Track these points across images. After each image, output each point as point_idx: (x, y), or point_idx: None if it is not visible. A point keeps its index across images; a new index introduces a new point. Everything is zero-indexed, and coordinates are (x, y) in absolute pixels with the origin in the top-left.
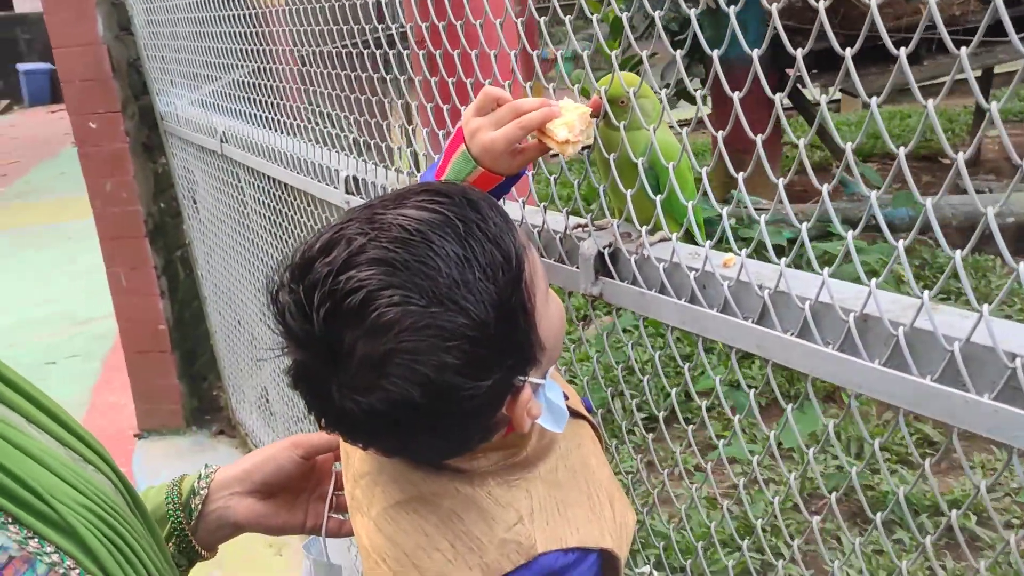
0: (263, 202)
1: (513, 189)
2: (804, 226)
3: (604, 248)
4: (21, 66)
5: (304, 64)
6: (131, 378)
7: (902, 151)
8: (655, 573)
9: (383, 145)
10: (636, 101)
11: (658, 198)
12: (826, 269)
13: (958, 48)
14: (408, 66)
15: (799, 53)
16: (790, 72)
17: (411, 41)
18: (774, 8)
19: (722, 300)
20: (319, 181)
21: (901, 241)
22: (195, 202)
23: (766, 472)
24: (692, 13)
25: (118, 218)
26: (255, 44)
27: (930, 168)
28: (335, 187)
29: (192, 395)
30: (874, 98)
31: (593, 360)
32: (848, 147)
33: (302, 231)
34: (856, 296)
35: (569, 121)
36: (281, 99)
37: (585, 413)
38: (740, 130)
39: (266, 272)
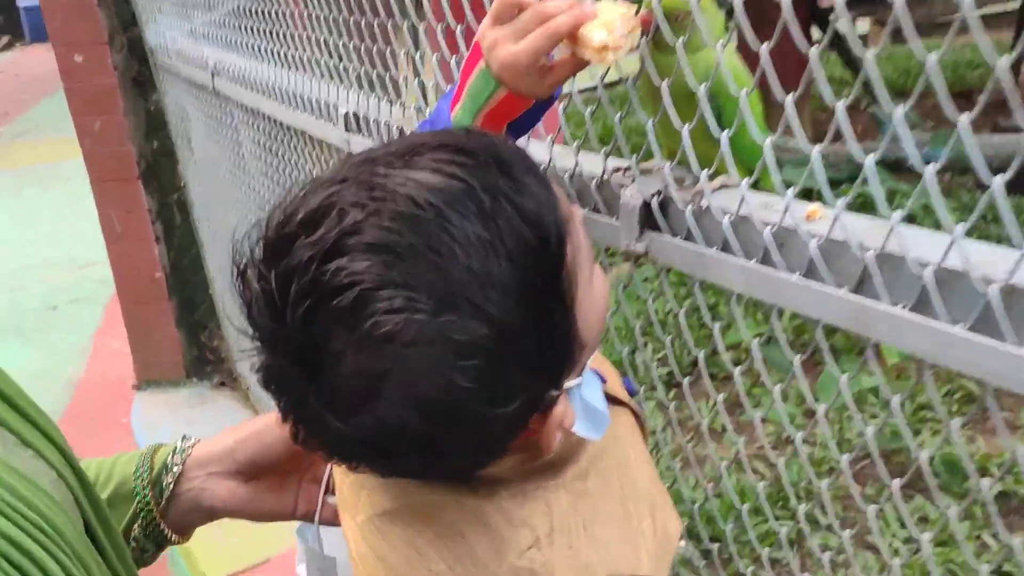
0: (260, 142)
1: (541, 125)
2: (870, 158)
3: (652, 196)
4: (21, 1)
5: None
6: (128, 327)
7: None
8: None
9: (387, 75)
10: (698, 15)
11: (724, 134)
12: (959, 226)
13: None
14: None
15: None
16: (821, 3)
17: None
18: None
19: (806, 263)
20: (317, 118)
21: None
22: (190, 142)
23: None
24: None
25: (109, 159)
26: None
27: (966, 106)
28: (334, 124)
29: (192, 344)
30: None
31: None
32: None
33: (302, 175)
34: (993, 260)
35: (608, 21)
36: (278, 26)
37: (626, 398)
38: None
39: (235, 238)
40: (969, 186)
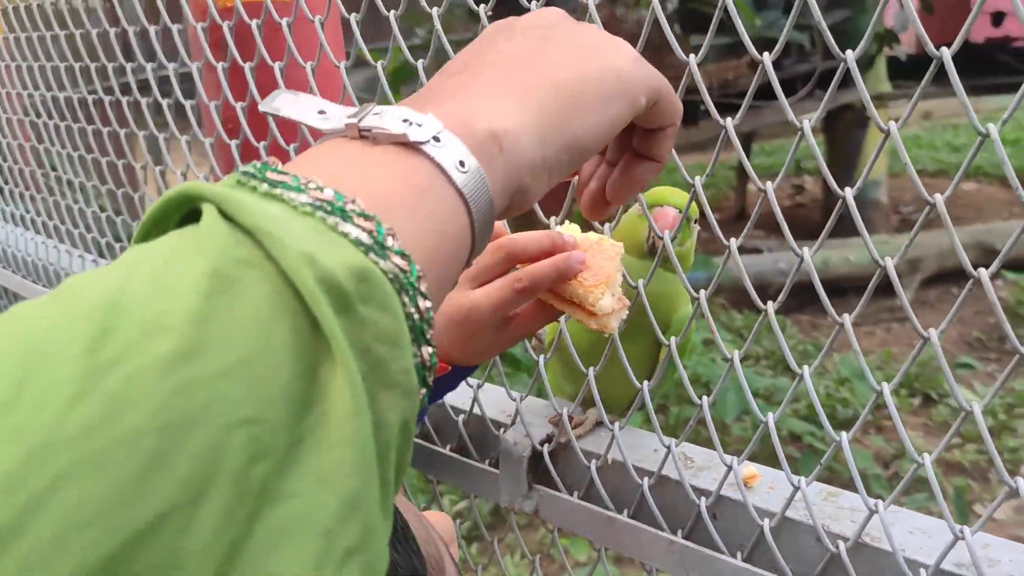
0: None
1: None
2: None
3: (542, 444)
4: None
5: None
6: None
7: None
8: None
9: (136, 196)
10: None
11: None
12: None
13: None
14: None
15: None
16: None
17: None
18: None
19: (749, 543)
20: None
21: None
22: None
23: None
24: None
25: None
26: None
27: (705, 223)
28: None
29: None
30: None
31: None
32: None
33: None
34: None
35: (608, 276)
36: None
37: None
38: None
39: None
40: (724, 305)
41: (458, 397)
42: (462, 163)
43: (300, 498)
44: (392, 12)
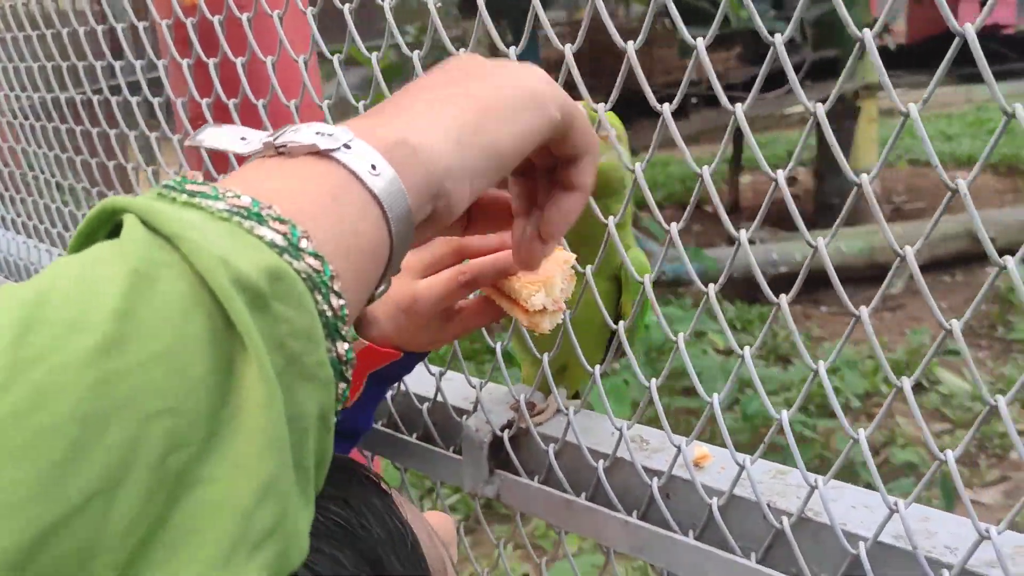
0: None
1: None
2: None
3: (503, 429)
4: None
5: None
6: None
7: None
8: None
9: (111, 194)
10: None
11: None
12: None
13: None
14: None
15: None
16: None
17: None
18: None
19: (701, 522)
20: None
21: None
22: None
23: None
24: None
25: None
26: None
27: (697, 216)
28: None
29: None
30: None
31: None
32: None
33: None
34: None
35: (547, 278)
36: None
37: None
38: None
39: None
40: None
41: (422, 385)
42: (374, 167)
43: (217, 483)
44: (347, 5)
